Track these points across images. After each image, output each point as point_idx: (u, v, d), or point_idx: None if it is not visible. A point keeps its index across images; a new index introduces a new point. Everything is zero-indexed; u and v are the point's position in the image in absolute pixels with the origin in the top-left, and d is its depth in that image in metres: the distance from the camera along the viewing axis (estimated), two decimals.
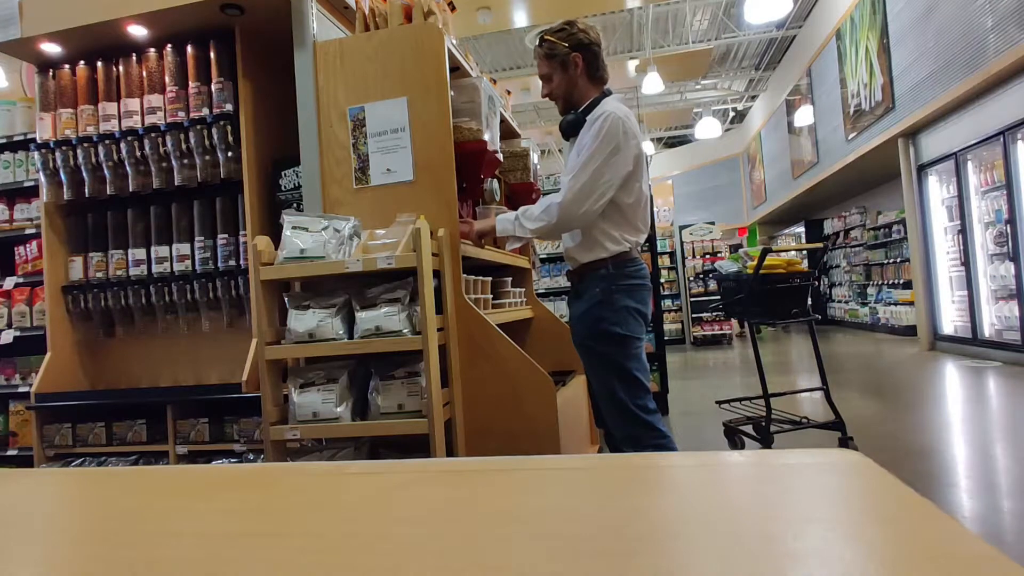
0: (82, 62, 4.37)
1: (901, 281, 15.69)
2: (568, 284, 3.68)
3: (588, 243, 3.37)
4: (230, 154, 4.14)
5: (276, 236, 3.43)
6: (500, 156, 4.13)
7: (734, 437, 5.60)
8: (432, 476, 1.37)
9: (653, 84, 15.25)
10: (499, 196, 4.61)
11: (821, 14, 15.96)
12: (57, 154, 4.34)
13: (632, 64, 17.20)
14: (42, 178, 4.40)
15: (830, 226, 20.58)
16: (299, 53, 3.82)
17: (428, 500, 1.22)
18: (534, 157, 5.05)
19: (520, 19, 12.15)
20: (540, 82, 3.62)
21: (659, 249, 15.77)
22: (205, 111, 4.15)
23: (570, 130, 3.48)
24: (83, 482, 1.56)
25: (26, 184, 5.01)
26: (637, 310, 3.33)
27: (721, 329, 16.39)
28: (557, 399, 3.47)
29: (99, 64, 4.35)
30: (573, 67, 3.44)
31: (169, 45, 4.24)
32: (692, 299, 16.69)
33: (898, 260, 15.95)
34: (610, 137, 3.23)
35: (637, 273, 3.37)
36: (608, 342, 3.28)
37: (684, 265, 17.13)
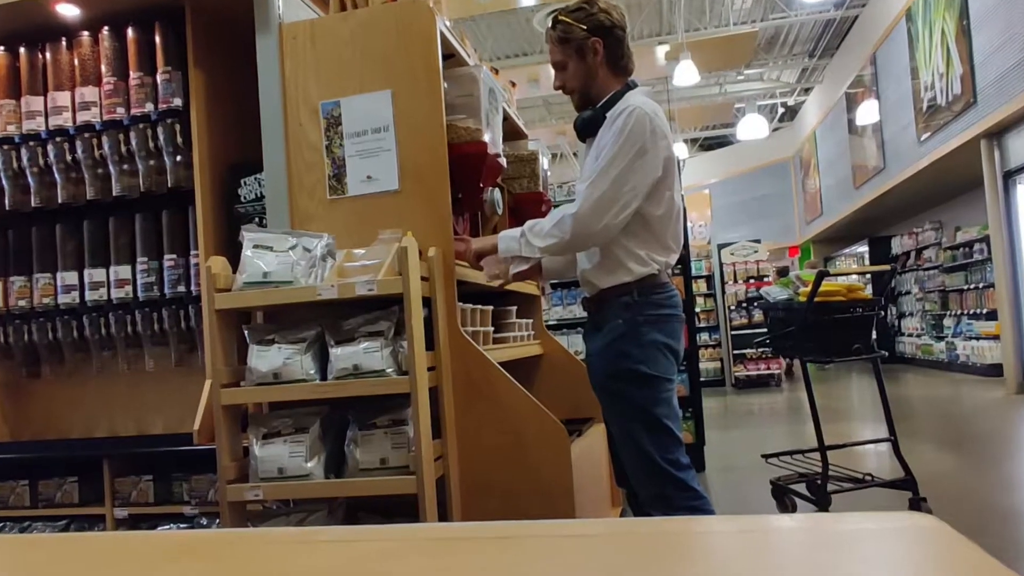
0: (0, 48, 4.39)
1: (984, 311, 15.68)
2: (584, 314, 3.69)
3: (609, 264, 3.38)
4: (179, 158, 4.16)
5: (234, 257, 3.43)
6: (503, 161, 4.15)
7: (784, 498, 5.59)
8: (420, 545, 1.37)
9: (687, 74, 15.33)
10: (502, 208, 4.63)
11: None
12: None
13: (662, 50, 17.27)
14: None
15: (899, 245, 20.63)
16: (261, 37, 3.86)
17: (414, 574, 1.21)
18: (544, 162, 5.07)
19: None
20: (552, 72, 3.63)
21: (693, 272, 15.79)
22: (149, 106, 4.18)
23: (587, 129, 3.50)
24: (1, 552, 1.55)
25: None
26: (667, 345, 3.34)
27: (768, 368, 16.39)
28: (571, 451, 3.47)
29: (21, 50, 4.36)
30: (592, 54, 3.46)
31: (106, 27, 4.26)
32: (733, 332, 16.70)
33: (980, 286, 15.95)
34: (635, 136, 3.24)
35: (667, 301, 3.38)
36: (633, 383, 3.28)
37: (724, 292, 17.15)
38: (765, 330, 6.17)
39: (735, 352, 16.55)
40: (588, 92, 3.52)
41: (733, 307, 16.94)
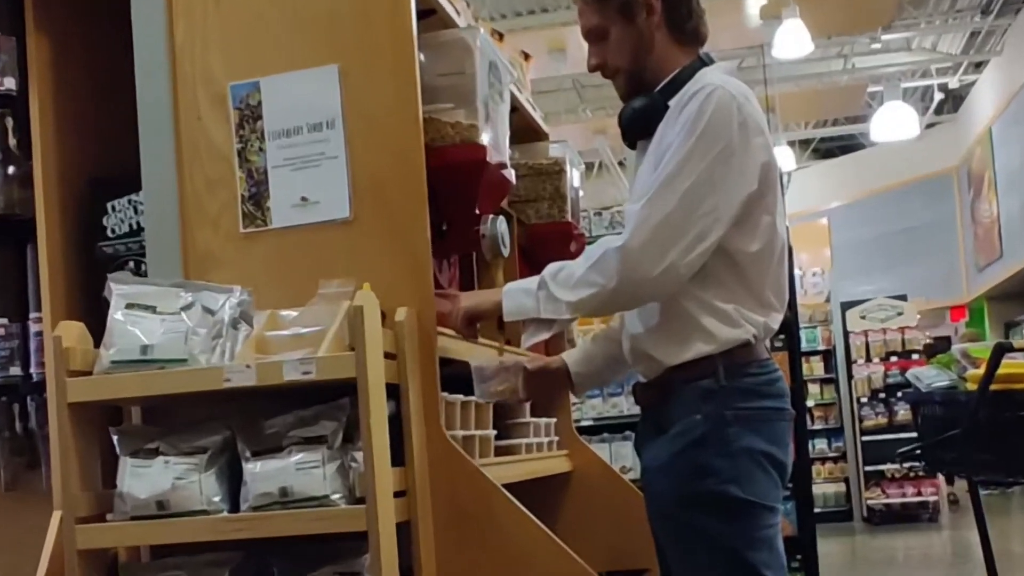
0: None
1: None
2: (637, 409, 3.68)
3: (677, 328, 3.39)
4: (11, 169, 4.19)
5: (98, 321, 3.44)
6: (511, 174, 4.16)
7: None
8: None
9: (794, 42, 15.41)
10: (508, 246, 4.61)
11: None
12: None
13: (755, 5, 17.31)
14: None
15: None
16: None
17: None
18: (573, 176, 5.08)
19: None
20: (584, 42, 3.64)
21: (804, 345, 15.77)
22: None
23: (639, 126, 3.53)
24: None
25: None
26: (769, 456, 3.34)
27: (919, 494, 16.34)
28: None
29: None
30: (645, 15, 3.49)
31: None
32: (865, 438, 16.68)
33: None
34: (716, 130, 3.25)
35: (769, 386, 3.39)
36: (716, 513, 3.27)
37: (851, 376, 17.13)
38: (914, 435, 6.14)
39: (868, 469, 16.52)
40: (640, 72, 3.54)
41: (865, 399, 16.95)
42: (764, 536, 3.30)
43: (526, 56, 5.65)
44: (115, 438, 3.38)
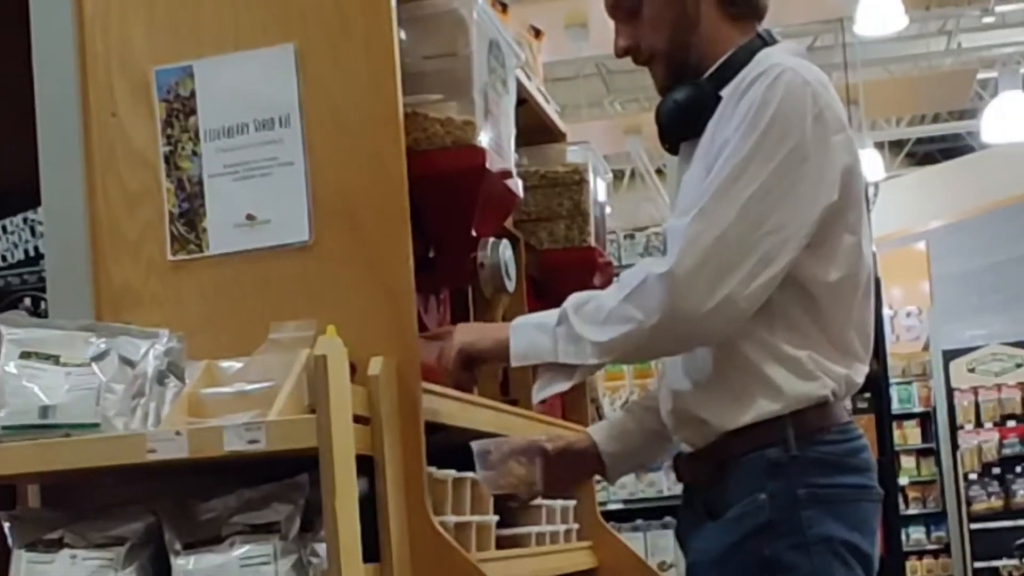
0: None
1: None
2: (680, 488, 3.68)
3: (735, 381, 3.41)
4: None
5: None
6: (518, 185, 4.17)
7: None
8: None
9: (882, 14, 15.45)
10: (513, 278, 4.61)
11: None
12: None
13: None
14: None
15: None
16: None
17: None
18: (598, 187, 5.09)
19: None
20: (610, 21, 3.66)
21: (895, 406, 15.80)
22: None
23: (683, 122, 3.54)
24: None
25: None
26: (852, 547, 3.34)
27: None
28: None
29: None
30: None
31: None
32: (974, 526, 16.67)
33: None
34: (785, 123, 3.27)
35: (853, 458, 3.41)
36: None
37: (956, 446, 17.14)
38: None
39: (979, 565, 16.51)
40: (682, 55, 3.57)
41: (974, 476, 16.94)
42: None
43: (537, 33, 5.65)
44: (6, 526, 3.37)
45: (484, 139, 3.86)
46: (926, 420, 17.04)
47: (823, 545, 3.27)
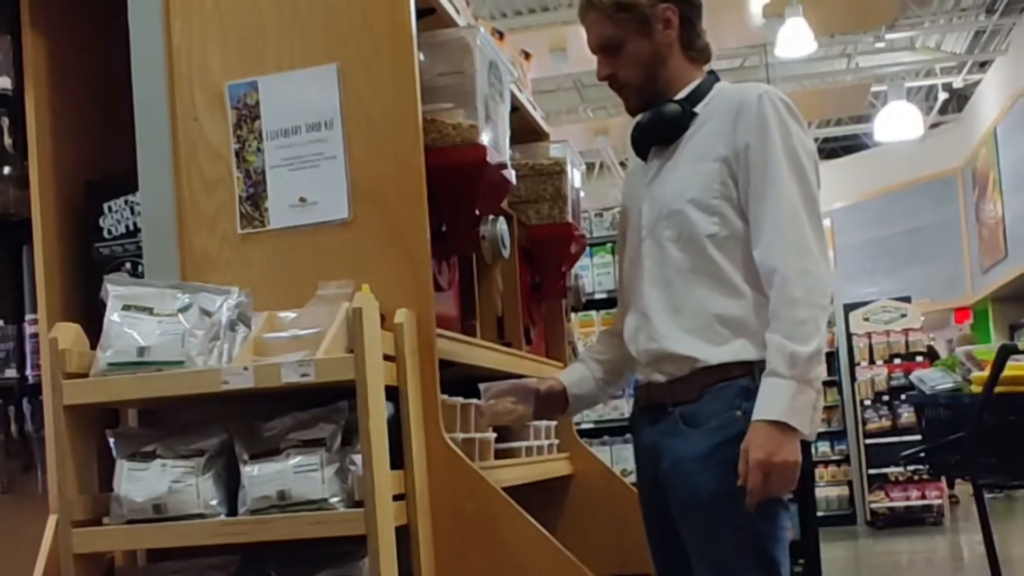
0: None
1: None
2: (638, 409, 3.69)
3: (720, 328, 3.45)
4: (7, 170, 4.19)
5: (94, 323, 3.44)
6: (512, 175, 4.17)
7: None
8: None
9: (797, 40, 15.36)
10: (508, 247, 4.62)
11: None
12: None
13: (757, 2, 17.24)
14: None
15: None
16: None
17: None
18: (574, 176, 5.08)
19: None
20: (589, 49, 3.66)
21: None
22: None
23: (664, 131, 3.55)
24: None
25: None
26: None
27: (924, 497, 16.30)
28: None
29: None
30: (662, 27, 3.52)
31: None
32: (869, 441, 16.65)
33: None
34: (799, 134, 3.42)
35: None
36: (755, 510, 3.29)
37: (854, 379, 17.11)
38: (918, 438, 6.14)
39: (871, 472, 16.49)
40: (652, 85, 3.59)
41: (868, 402, 16.92)
42: (784, 536, 3.37)
43: (527, 55, 5.66)
44: (112, 441, 3.38)
45: (485, 138, 3.86)
46: (831, 358, 16.93)
47: None
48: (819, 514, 8.94)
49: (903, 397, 15.88)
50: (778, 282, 3.29)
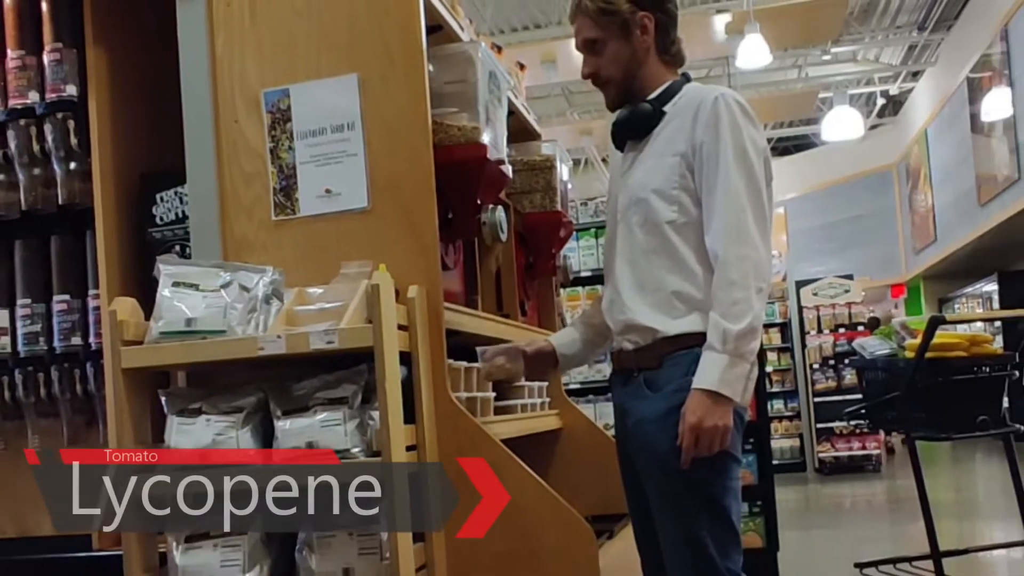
0: None
1: None
2: (615, 373, 3.68)
3: (677, 304, 3.42)
4: (73, 165, 4.18)
5: (148, 298, 3.44)
6: (508, 169, 4.16)
7: None
8: None
9: (754, 53, 15.28)
10: (505, 232, 4.60)
11: None
12: None
13: (721, 21, 17.14)
14: None
15: None
16: (184, 3, 3.87)
17: None
18: (563, 170, 5.07)
19: None
20: (577, 54, 3.64)
21: (764, 319, 15.75)
22: (33, 96, 4.20)
23: (636, 127, 3.54)
24: None
25: None
26: (740, 416, 3.36)
27: (864, 447, 16.34)
28: (600, 561, 3.44)
29: None
30: (640, 33, 3.49)
31: None
32: (817, 399, 16.69)
33: None
34: (755, 135, 3.39)
35: None
36: (705, 463, 3.26)
37: (804, 345, 17.12)
38: (859, 396, 6.14)
39: (819, 426, 16.51)
40: (630, 84, 3.56)
41: (816, 366, 16.93)
42: (734, 486, 3.34)
43: (521, 66, 5.65)
44: (163, 399, 3.38)
45: (486, 138, 3.85)
46: (785, 328, 16.99)
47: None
48: (774, 462, 8.95)
49: (846, 361, 15.87)
50: (719, 266, 3.27)
